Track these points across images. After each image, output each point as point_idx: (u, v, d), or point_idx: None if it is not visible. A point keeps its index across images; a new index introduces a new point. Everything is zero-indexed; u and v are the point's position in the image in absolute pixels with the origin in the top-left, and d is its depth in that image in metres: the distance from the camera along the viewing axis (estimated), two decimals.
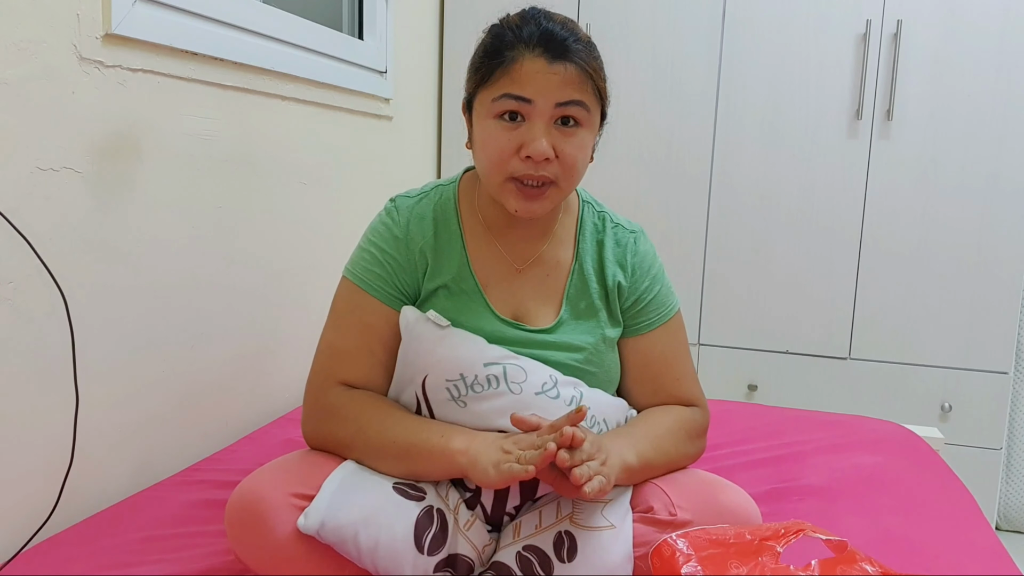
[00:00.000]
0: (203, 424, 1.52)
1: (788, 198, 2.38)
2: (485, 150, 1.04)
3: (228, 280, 1.56)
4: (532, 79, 1.00)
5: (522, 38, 1.01)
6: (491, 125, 1.03)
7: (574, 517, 0.98)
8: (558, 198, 1.07)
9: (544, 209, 1.06)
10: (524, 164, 1.02)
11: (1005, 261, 2.26)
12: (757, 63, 2.36)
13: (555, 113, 1.01)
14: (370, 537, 0.93)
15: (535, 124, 1.01)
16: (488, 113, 1.03)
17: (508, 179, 1.03)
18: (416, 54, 2.43)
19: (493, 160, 1.03)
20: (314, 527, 0.91)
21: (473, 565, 0.98)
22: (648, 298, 1.15)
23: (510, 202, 1.05)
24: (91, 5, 1.18)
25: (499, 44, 1.03)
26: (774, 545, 0.85)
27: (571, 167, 1.03)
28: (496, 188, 1.06)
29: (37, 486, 1.15)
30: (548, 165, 1.02)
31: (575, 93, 1.01)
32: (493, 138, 1.03)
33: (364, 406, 1.05)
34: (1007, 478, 2.51)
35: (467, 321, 1.08)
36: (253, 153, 1.61)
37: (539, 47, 1.00)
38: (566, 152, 1.02)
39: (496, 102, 1.02)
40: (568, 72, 1.00)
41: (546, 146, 1.00)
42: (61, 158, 1.16)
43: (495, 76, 1.02)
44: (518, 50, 1.01)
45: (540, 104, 1.00)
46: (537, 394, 1.04)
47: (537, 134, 1.00)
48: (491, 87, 1.02)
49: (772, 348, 2.44)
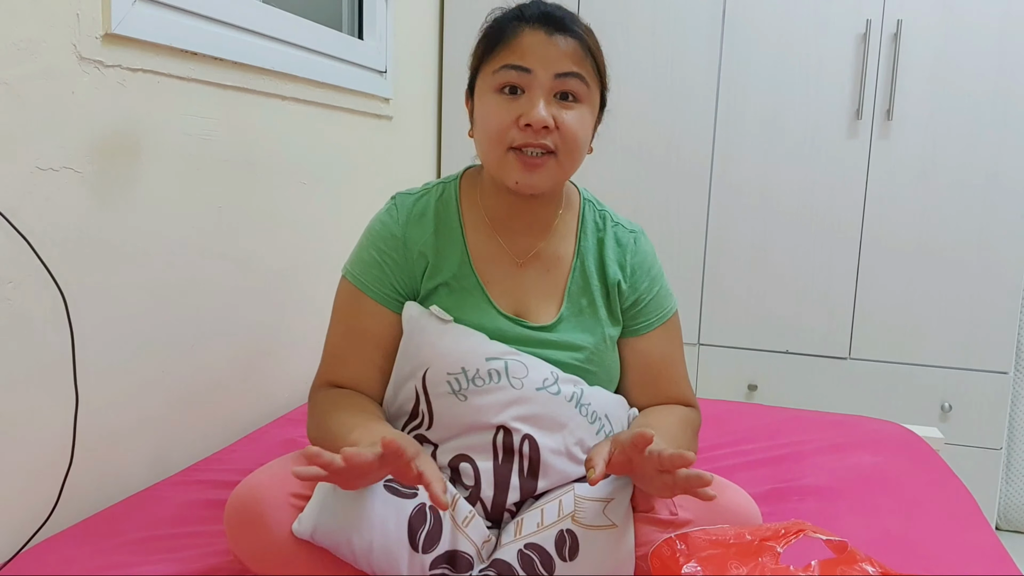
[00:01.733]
0: (203, 424, 1.52)
1: (788, 198, 2.38)
2: (486, 123, 1.06)
3: (228, 280, 1.56)
4: (532, 50, 1.03)
5: (523, 15, 1.06)
6: (492, 99, 1.05)
7: (576, 516, 0.98)
8: (558, 172, 1.07)
9: (544, 182, 1.07)
10: (523, 133, 1.03)
11: (1005, 261, 2.26)
12: (757, 63, 2.36)
13: (555, 85, 1.04)
14: (363, 539, 0.93)
15: (534, 94, 1.03)
16: (489, 88, 1.06)
17: (508, 150, 1.05)
18: (416, 54, 2.43)
19: (493, 132, 1.05)
20: (307, 531, 0.91)
21: (472, 562, 0.98)
22: (648, 298, 1.15)
23: (511, 174, 1.06)
24: (91, 5, 1.18)
25: (500, 23, 1.07)
26: (774, 545, 0.85)
27: (571, 138, 1.05)
28: (496, 163, 1.07)
29: (37, 486, 1.15)
30: (548, 134, 1.03)
31: (574, 65, 1.04)
32: (494, 110, 1.05)
33: (330, 406, 1.06)
34: (1007, 478, 2.51)
35: (468, 317, 1.09)
36: (253, 153, 1.61)
37: (539, 21, 1.05)
38: (566, 122, 1.04)
39: (496, 74, 1.04)
40: (568, 44, 1.04)
41: (545, 113, 1.02)
42: (61, 158, 1.15)
43: (496, 50, 1.05)
44: (518, 24, 1.05)
45: (540, 74, 1.03)
46: (538, 389, 1.05)
47: (536, 102, 1.03)
48: (492, 61, 1.06)
49: (772, 348, 2.44)
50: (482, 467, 1.03)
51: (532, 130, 1.02)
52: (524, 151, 1.04)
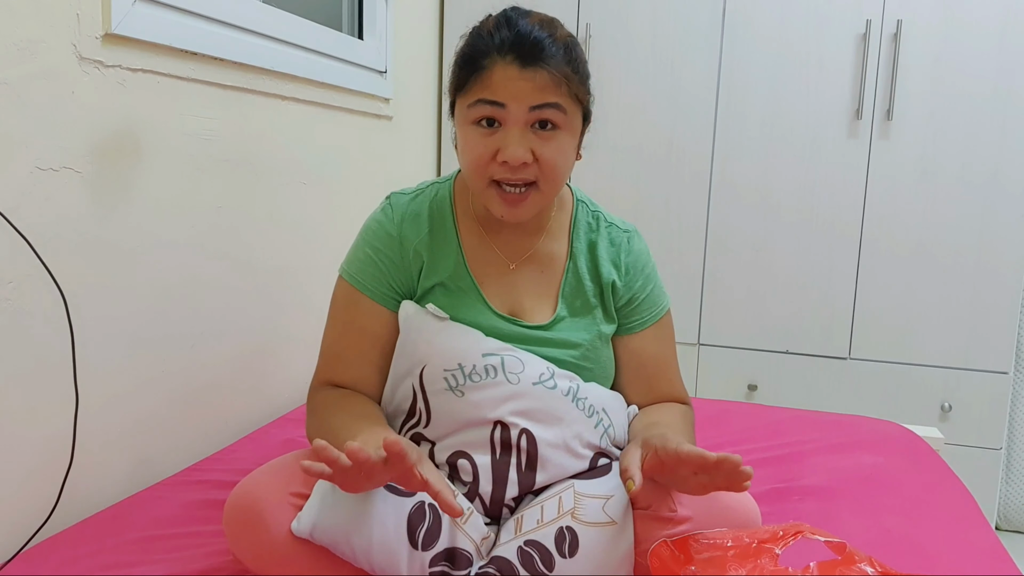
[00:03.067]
0: (203, 424, 1.52)
1: (788, 198, 2.38)
2: (465, 156, 1.06)
3: (228, 280, 1.56)
4: (504, 85, 1.00)
5: (494, 45, 1.01)
6: (469, 131, 1.04)
7: (576, 513, 0.98)
8: (541, 201, 1.07)
9: (528, 213, 1.07)
10: (502, 169, 1.03)
11: (1005, 261, 2.26)
12: (757, 63, 2.36)
13: (530, 117, 1.01)
14: (363, 537, 0.93)
15: (510, 130, 1.01)
16: (466, 120, 1.04)
17: (490, 184, 1.05)
18: (416, 54, 2.43)
19: (473, 166, 1.05)
20: (306, 530, 0.92)
21: (472, 558, 0.98)
22: (641, 297, 1.16)
23: (494, 207, 1.07)
24: (91, 5, 1.18)
25: (472, 52, 1.04)
26: (772, 547, 0.86)
27: (551, 170, 1.04)
28: (480, 193, 1.07)
29: (37, 486, 1.15)
30: (527, 169, 1.02)
31: (550, 96, 1.01)
32: (471, 144, 1.04)
33: (329, 406, 1.06)
34: (1007, 478, 2.51)
35: (464, 317, 1.10)
36: (253, 153, 1.61)
37: (511, 53, 1.00)
38: (545, 156, 1.03)
39: (471, 108, 1.03)
40: (541, 76, 1.00)
41: (522, 151, 1.01)
42: (61, 158, 1.16)
43: (469, 83, 1.03)
44: (491, 57, 1.01)
45: (514, 109, 1.01)
46: (535, 384, 1.06)
47: (512, 140, 1.01)
48: (466, 94, 1.04)
49: (772, 348, 2.44)
50: (480, 462, 1.04)
51: (510, 167, 1.02)
52: (505, 188, 1.04)
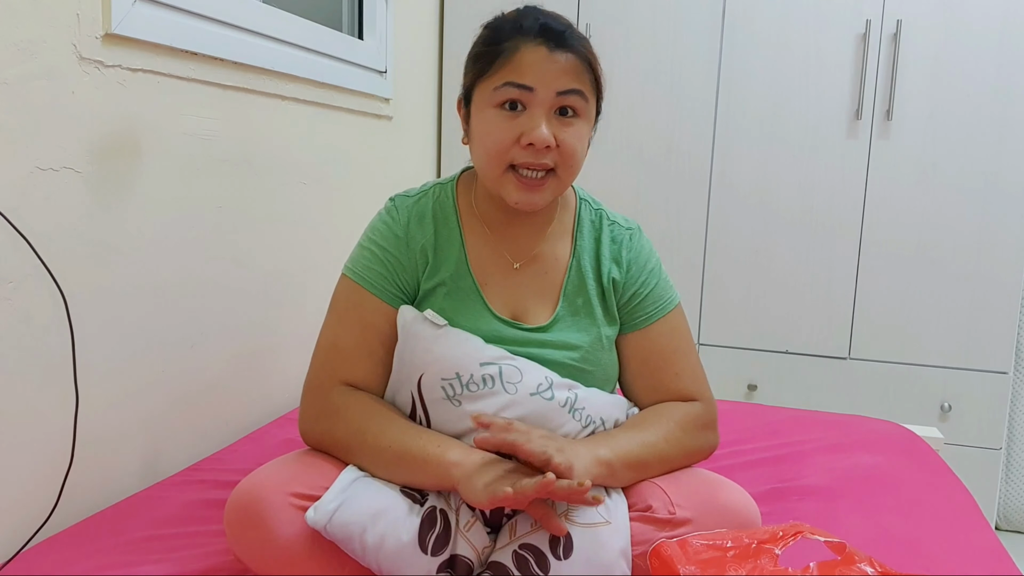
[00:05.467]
0: (203, 424, 1.52)
1: (788, 198, 2.38)
2: (485, 140, 1.05)
3: (228, 280, 1.56)
4: (533, 67, 1.02)
5: (521, 29, 1.04)
6: (491, 115, 1.04)
7: (569, 514, 0.97)
8: (558, 189, 1.08)
9: (544, 200, 1.07)
10: (525, 152, 1.03)
11: (1005, 261, 2.26)
12: (757, 63, 2.36)
13: (555, 102, 1.03)
14: (376, 535, 0.93)
15: (536, 112, 1.03)
16: (488, 103, 1.04)
17: (507, 170, 1.05)
18: (416, 54, 2.43)
19: (493, 150, 1.04)
20: (323, 521, 0.91)
21: (472, 566, 0.98)
22: (645, 292, 1.15)
23: (510, 194, 1.06)
24: (91, 5, 1.18)
25: (498, 35, 1.05)
26: (772, 548, 0.86)
27: (570, 156, 1.05)
28: (495, 180, 1.07)
29: (37, 486, 1.15)
30: (548, 153, 1.03)
31: (575, 82, 1.03)
32: (494, 128, 1.04)
33: (365, 409, 1.05)
34: (1007, 478, 2.51)
35: (464, 320, 1.08)
36: (253, 153, 1.61)
37: (539, 37, 1.03)
38: (566, 141, 1.04)
39: (497, 91, 1.03)
40: (568, 60, 1.03)
41: (548, 133, 1.02)
42: (61, 158, 1.16)
43: (496, 66, 1.03)
44: (518, 40, 1.03)
45: (541, 92, 1.02)
46: (532, 395, 1.04)
47: (539, 122, 1.02)
48: (492, 77, 1.04)
49: (772, 348, 2.44)
50: None
51: (534, 149, 1.02)
52: (523, 172, 1.04)
